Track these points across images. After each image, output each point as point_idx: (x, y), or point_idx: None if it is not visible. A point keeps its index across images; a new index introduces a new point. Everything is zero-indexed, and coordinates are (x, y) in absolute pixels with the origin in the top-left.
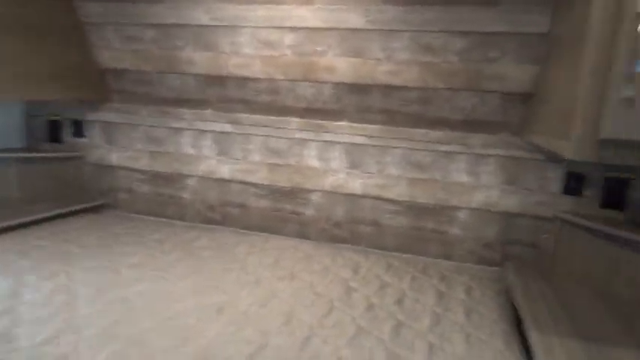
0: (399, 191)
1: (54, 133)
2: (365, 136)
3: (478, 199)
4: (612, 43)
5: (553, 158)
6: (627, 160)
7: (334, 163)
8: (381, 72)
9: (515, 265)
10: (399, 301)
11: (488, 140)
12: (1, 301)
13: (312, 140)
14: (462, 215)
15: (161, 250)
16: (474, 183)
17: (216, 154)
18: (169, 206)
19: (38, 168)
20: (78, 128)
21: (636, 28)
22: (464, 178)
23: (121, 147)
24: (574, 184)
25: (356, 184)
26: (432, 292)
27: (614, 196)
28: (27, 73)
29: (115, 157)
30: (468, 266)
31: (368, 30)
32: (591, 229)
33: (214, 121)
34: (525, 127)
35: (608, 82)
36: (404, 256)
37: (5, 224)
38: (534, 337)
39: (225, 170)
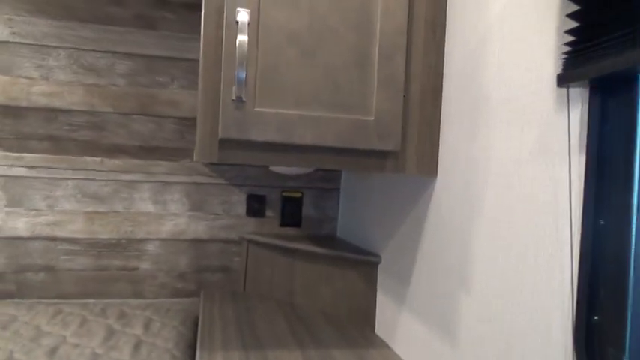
0: (75, 228)
1: None
2: (27, 167)
3: (166, 228)
4: (218, 51)
5: (235, 182)
6: (246, 159)
7: None
8: (38, 93)
9: (208, 292)
10: (52, 352)
11: (170, 167)
12: None
13: None
14: (151, 247)
15: None
16: (161, 212)
17: None
18: None
19: None
20: None
21: (235, 37)
22: (150, 208)
23: None
24: (256, 205)
25: (20, 225)
26: (100, 334)
27: (290, 214)
28: None
29: None
30: (160, 301)
31: (15, 43)
32: (272, 246)
33: None
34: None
35: (220, 86)
36: (84, 301)
37: None
38: (199, 356)
39: None
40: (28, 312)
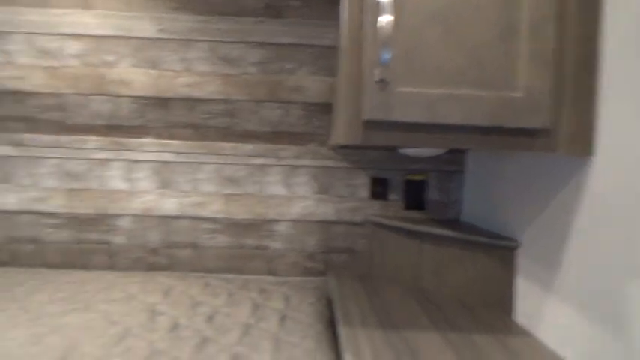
0: (215, 209)
1: None
2: (174, 152)
3: (295, 210)
4: (360, 33)
5: (359, 165)
6: (389, 140)
7: (143, 184)
8: (181, 84)
9: (336, 272)
10: (210, 318)
11: (297, 151)
12: None
13: (115, 160)
14: (281, 228)
15: None
16: (290, 195)
17: None
18: None
19: None
20: None
21: (377, 18)
22: (279, 190)
23: None
24: (379, 188)
25: (169, 205)
26: (247, 306)
27: (414, 197)
28: None
29: None
30: (292, 279)
31: (162, 39)
32: (397, 228)
33: None
34: (328, 135)
35: (363, 68)
36: (225, 275)
37: None
38: (342, 332)
39: (10, 201)
40: (181, 282)
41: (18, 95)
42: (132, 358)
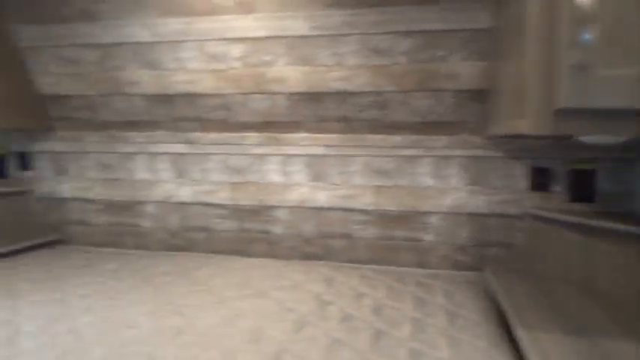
0: (366, 200)
1: None
2: (325, 146)
3: (447, 202)
4: (553, 11)
5: (516, 154)
6: (586, 129)
7: (297, 177)
8: (332, 79)
9: (493, 267)
10: (377, 311)
11: (449, 141)
12: None
13: (272, 155)
14: (433, 220)
15: (115, 279)
16: (441, 186)
17: (173, 176)
18: (128, 236)
19: None
20: (24, 161)
21: None
22: (430, 181)
23: (72, 177)
24: (541, 179)
25: (321, 197)
26: (410, 300)
27: (581, 188)
28: None
29: (65, 189)
30: (443, 272)
31: (314, 36)
32: (563, 223)
33: (167, 143)
34: (485, 123)
35: (556, 50)
36: (378, 267)
37: None
38: (522, 335)
39: (185, 193)
40: (338, 273)
41: (189, 98)
42: (315, 345)
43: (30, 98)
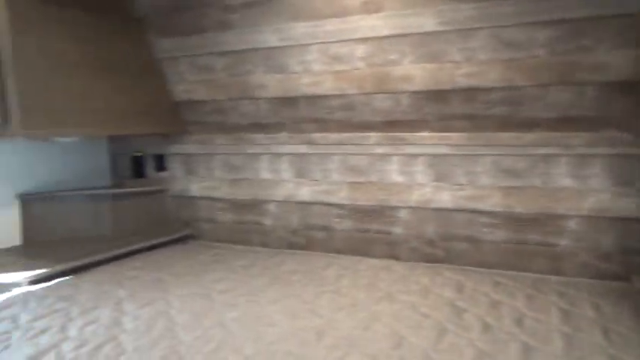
0: (494, 202)
1: (138, 169)
2: (449, 145)
3: (588, 205)
4: None
5: None
6: None
7: (419, 177)
8: (461, 75)
9: None
10: (519, 322)
11: (590, 138)
12: (104, 330)
13: (394, 154)
14: (571, 224)
15: (249, 276)
16: (581, 187)
17: (294, 176)
18: (252, 233)
19: (126, 204)
20: (159, 162)
21: None
22: (568, 182)
23: (201, 177)
24: None
25: (445, 198)
26: (554, 311)
27: None
28: (106, 109)
29: (195, 188)
30: (583, 281)
31: (442, 32)
32: None
33: (290, 144)
34: (636, 119)
35: None
36: (508, 272)
37: (99, 257)
38: None
39: (305, 193)
40: (466, 278)
41: (311, 99)
42: (460, 357)
43: (167, 105)
